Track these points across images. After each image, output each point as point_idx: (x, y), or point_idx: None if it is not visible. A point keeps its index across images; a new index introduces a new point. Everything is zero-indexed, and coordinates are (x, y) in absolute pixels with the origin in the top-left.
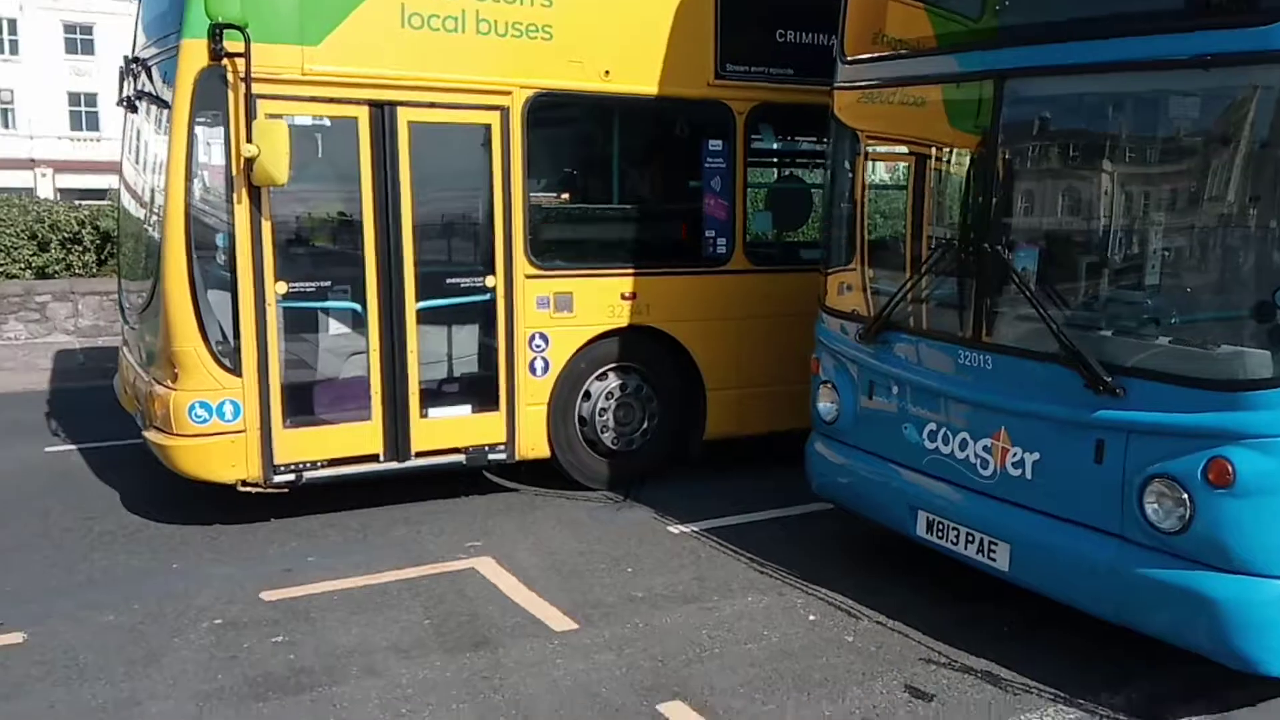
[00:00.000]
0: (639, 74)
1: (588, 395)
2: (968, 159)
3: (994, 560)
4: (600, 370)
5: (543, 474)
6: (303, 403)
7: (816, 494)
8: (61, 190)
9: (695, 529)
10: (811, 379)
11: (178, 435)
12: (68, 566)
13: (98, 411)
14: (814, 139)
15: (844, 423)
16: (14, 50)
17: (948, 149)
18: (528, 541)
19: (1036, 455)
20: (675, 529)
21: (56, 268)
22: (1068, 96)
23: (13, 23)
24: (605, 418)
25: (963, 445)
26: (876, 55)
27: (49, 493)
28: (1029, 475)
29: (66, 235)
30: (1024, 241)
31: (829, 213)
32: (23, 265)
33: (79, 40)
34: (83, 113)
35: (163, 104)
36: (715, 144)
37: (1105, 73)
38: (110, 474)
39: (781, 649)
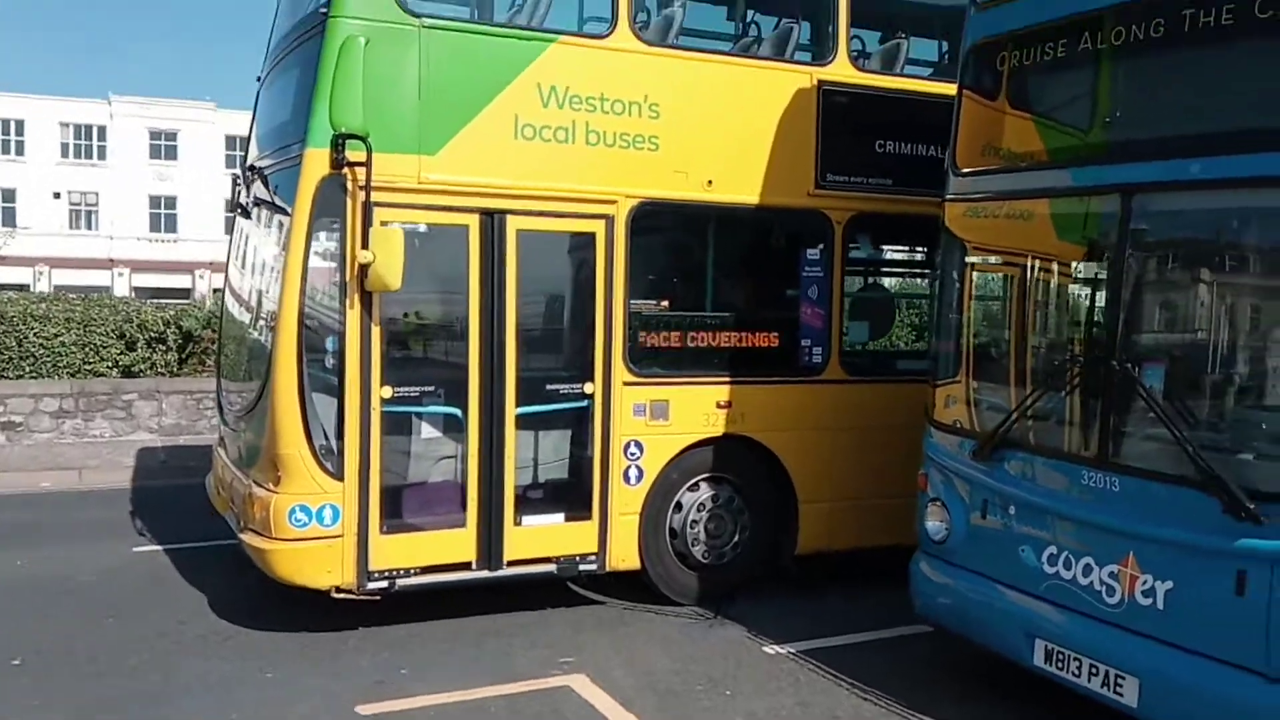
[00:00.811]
0: (741, 184)
1: (679, 506)
2: (1091, 272)
3: (1121, 695)
4: (693, 480)
5: (627, 585)
6: (399, 508)
7: (920, 615)
8: (136, 289)
9: (791, 650)
10: (919, 496)
11: (276, 539)
12: (163, 672)
13: (181, 511)
14: (908, 248)
15: (954, 542)
16: (101, 155)
17: (1069, 262)
18: (621, 658)
19: (1169, 584)
20: (770, 649)
21: (141, 366)
22: (1198, 212)
23: (102, 129)
24: (696, 530)
25: (1086, 571)
26: (993, 168)
27: (140, 594)
28: (1161, 605)
29: (153, 335)
30: (1152, 359)
31: (938, 324)
32: (110, 364)
33: (163, 146)
34: (162, 215)
35: (281, 211)
36: (813, 253)
37: (1241, 188)
38: (198, 576)
39: None
